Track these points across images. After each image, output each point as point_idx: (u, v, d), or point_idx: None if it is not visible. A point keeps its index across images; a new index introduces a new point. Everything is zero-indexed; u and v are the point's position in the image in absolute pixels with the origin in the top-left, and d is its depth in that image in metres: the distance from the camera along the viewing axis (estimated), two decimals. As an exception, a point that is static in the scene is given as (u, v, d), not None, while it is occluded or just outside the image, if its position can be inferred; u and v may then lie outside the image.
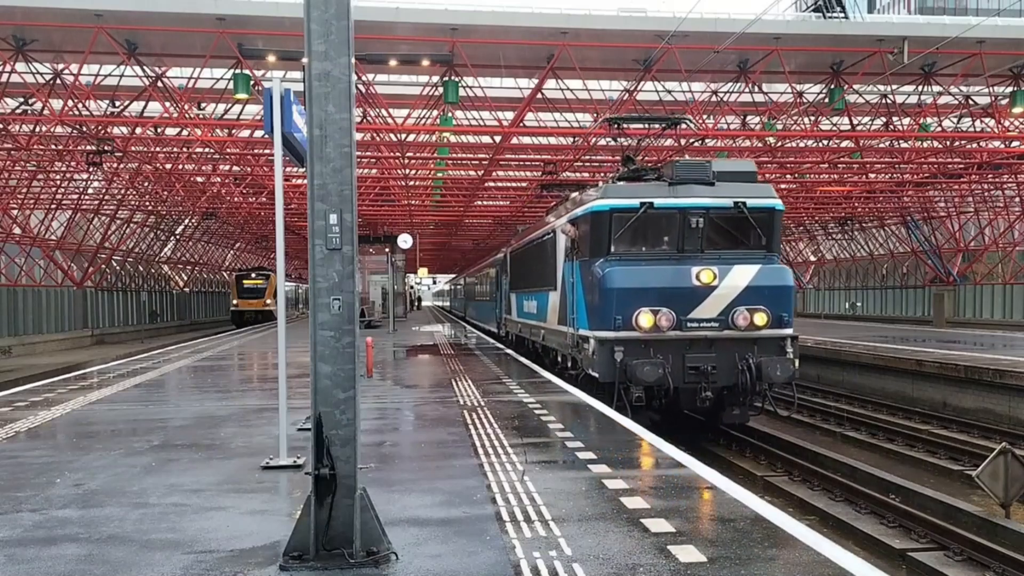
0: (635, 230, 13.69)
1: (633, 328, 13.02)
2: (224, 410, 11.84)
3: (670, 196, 13.57)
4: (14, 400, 13.20)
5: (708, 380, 13.07)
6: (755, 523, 5.91)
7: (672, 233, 13.67)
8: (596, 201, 13.93)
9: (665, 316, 13.04)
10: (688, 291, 13.15)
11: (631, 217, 13.51)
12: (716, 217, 13.67)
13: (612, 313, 13.09)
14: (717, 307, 13.22)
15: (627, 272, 13.31)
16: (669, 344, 13.04)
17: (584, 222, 14.28)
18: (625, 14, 25.41)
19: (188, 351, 25.30)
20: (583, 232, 14.37)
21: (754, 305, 13.22)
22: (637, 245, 13.82)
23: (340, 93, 5.13)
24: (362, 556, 5.06)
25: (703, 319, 13.20)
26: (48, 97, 25.31)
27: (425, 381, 15.58)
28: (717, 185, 13.71)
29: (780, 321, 13.39)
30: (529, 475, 7.35)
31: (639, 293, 13.09)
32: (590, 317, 13.87)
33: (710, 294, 13.20)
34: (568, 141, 30.22)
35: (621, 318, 13.03)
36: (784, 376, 13.11)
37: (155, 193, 42.12)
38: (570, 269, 15.25)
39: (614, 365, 12.91)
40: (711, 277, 13.18)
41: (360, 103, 25.69)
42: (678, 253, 13.60)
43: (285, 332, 8.34)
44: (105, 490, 7.08)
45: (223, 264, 73.84)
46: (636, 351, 12.92)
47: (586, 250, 14.20)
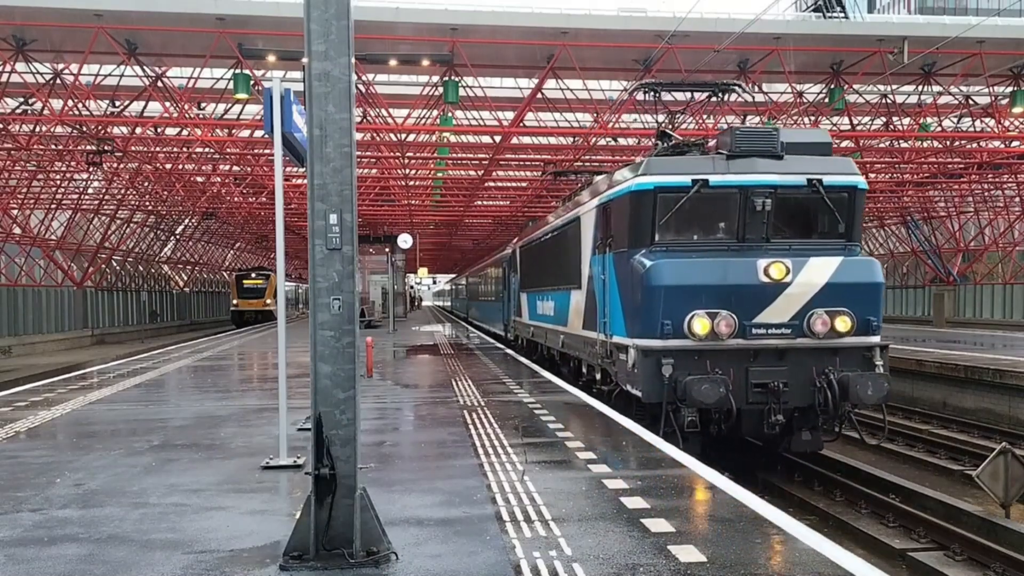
0: (685, 214, 11.26)
1: (685, 335, 10.69)
2: (224, 410, 11.84)
3: (728, 172, 11.15)
4: (14, 400, 13.19)
5: (778, 400, 10.70)
6: (755, 523, 5.91)
7: (731, 217, 11.31)
8: (637, 178, 11.44)
9: (725, 321, 10.68)
10: (753, 289, 10.80)
11: (681, 198, 11.08)
12: (786, 198, 11.31)
13: (659, 317, 10.74)
14: (789, 309, 10.88)
15: (677, 266, 10.93)
16: (729, 355, 10.74)
17: (621, 205, 11.92)
18: (625, 14, 25.43)
19: (188, 351, 25.30)
20: (619, 218, 12.03)
21: (835, 307, 10.88)
22: (688, 232, 11.48)
23: (340, 93, 5.13)
24: (362, 556, 5.07)
25: (771, 324, 10.84)
26: (48, 97, 25.32)
27: (425, 381, 15.58)
28: (786, 159, 11.33)
29: (867, 327, 11.06)
30: (529, 475, 7.35)
31: (692, 292, 10.76)
32: (629, 321, 11.54)
33: (780, 293, 10.84)
34: (568, 141, 30.22)
35: (670, 323, 10.66)
36: (877, 396, 10.67)
37: (155, 193, 42.12)
38: (600, 263, 12.95)
39: (661, 381, 10.59)
40: (782, 272, 10.76)
41: (360, 103, 25.69)
42: (738, 242, 11.28)
43: (285, 332, 8.34)
44: (105, 490, 7.08)
45: (223, 264, 73.83)
46: (688, 364, 10.64)
47: (623, 239, 11.78)
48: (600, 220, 13.03)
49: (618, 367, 12.05)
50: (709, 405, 10.39)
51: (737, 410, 10.54)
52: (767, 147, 11.34)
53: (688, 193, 11.08)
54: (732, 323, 10.72)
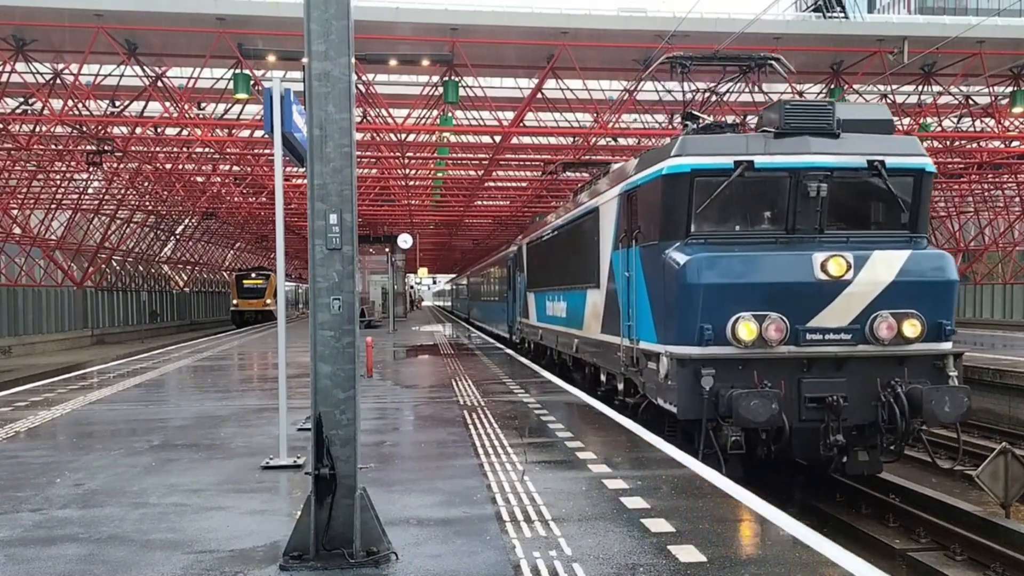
0: (726, 201, 9.84)
1: (727, 342, 9.27)
2: (224, 410, 11.84)
3: (777, 152, 9.72)
4: (14, 400, 13.19)
5: (837, 417, 9.22)
6: (755, 522, 5.92)
7: (779, 205, 9.87)
8: (669, 160, 9.92)
9: (775, 325, 9.23)
10: (808, 288, 9.36)
11: (721, 182, 9.60)
12: (843, 182, 9.86)
13: (697, 320, 9.29)
14: (850, 312, 9.42)
15: (719, 261, 9.50)
16: (779, 365, 9.33)
17: (650, 192, 10.46)
18: (625, 14, 25.42)
19: (188, 351, 25.31)
20: (648, 206, 10.57)
21: (903, 308, 9.44)
22: (729, 222, 10.06)
23: (340, 93, 5.13)
24: (362, 556, 5.07)
25: (828, 329, 9.42)
26: (48, 97, 25.32)
27: (425, 381, 15.58)
28: (843, 137, 9.89)
29: (938, 331, 9.58)
30: (529, 475, 7.35)
31: (737, 291, 9.35)
32: (660, 325, 10.05)
33: (840, 293, 9.38)
34: (568, 141, 30.22)
35: (711, 328, 9.23)
36: (955, 413, 9.19)
37: (155, 193, 42.15)
38: (624, 259, 11.47)
39: (700, 395, 9.17)
40: (842, 268, 9.29)
41: (360, 103, 25.69)
42: (787, 234, 9.81)
43: (285, 332, 8.35)
44: (105, 490, 7.09)
45: (223, 264, 73.84)
46: (732, 375, 9.23)
47: (653, 231, 10.31)
48: (624, 210, 11.50)
49: (646, 377, 10.54)
50: (759, 424, 8.95)
51: (788, 429, 9.10)
52: (821, 124, 9.86)
53: (730, 177, 9.55)
54: (783, 327, 9.26)
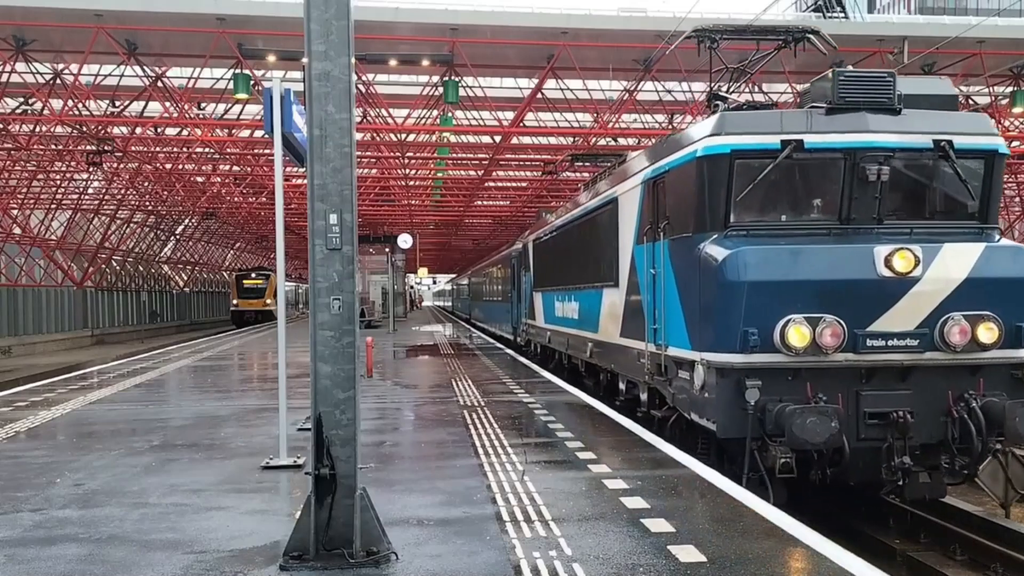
0: (772, 186, 8.66)
1: (775, 348, 8.05)
2: (224, 410, 11.84)
3: (830, 130, 8.53)
4: (14, 400, 13.20)
5: (902, 435, 8.04)
6: (755, 522, 5.91)
7: (832, 190, 8.67)
8: (706, 140, 8.71)
9: (831, 329, 8.00)
10: (869, 287, 8.16)
11: (766, 164, 8.44)
12: (905, 165, 8.68)
13: (739, 323, 8.10)
14: (917, 313, 8.20)
15: (766, 255, 8.30)
16: (835, 376, 8.15)
17: (683, 177, 9.22)
18: (625, 14, 25.47)
19: (188, 351, 25.31)
20: (680, 193, 9.34)
21: (977, 310, 8.22)
22: (774, 211, 8.85)
23: (340, 93, 5.13)
24: (362, 556, 5.07)
25: (892, 333, 8.16)
26: (48, 97, 25.33)
27: (425, 381, 15.58)
28: (905, 113, 8.69)
29: (1017, 337, 8.38)
30: (529, 475, 7.35)
31: (787, 290, 8.15)
32: (695, 329, 8.82)
33: (906, 292, 8.17)
34: (568, 141, 30.23)
35: (756, 332, 8.02)
36: None
37: (155, 193, 42.16)
38: (648, 254, 10.29)
39: (744, 410, 7.97)
40: (910, 263, 8.07)
41: (360, 103, 25.69)
42: (841, 223, 8.60)
43: (285, 332, 8.35)
44: (105, 490, 7.09)
45: (223, 264, 73.85)
46: (781, 387, 8.07)
47: (686, 222, 9.09)
48: (649, 199, 10.28)
49: (677, 388, 9.35)
50: (816, 445, 7.72)
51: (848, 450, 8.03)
52: (880, 97, 8.65)
53: (776, 158, 8.40)
54: (840, 332, 8.02)
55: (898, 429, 8.05)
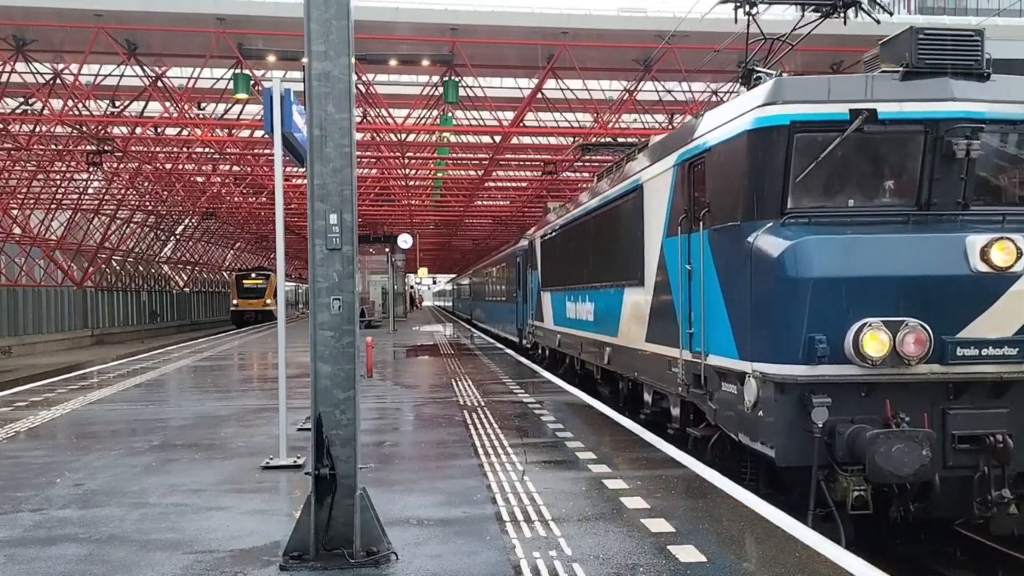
0: (837, 165, 7.35)
1: (846, 358, 6.77)
2: (224, 410, 11.84)
3: (908, 98, 7.26)
4: (14, 400, 13.20)
5: (1000, 463, 6.73)
6: (755, 522, 5.91)
7: (910, 169, 7.37)
8: (759, 110, 7.42)
9: (915, 335, 6.71)
10: (961, 284, 6.90)
11: (831, 139, 7.15)
12: (995, 140, 7.43)
13: (803, 328, 6.84)
14: (1017, 316, 6.93)
15: (835, 247, 7.03)
16: (919, 391, 6.86)
17: (728, 156, 7.94)
18: (625, 14, 25.46)
19: (188, 351, 25.31)
20: (724, 175, 8.04)
21: None
22: (839, 194, 7.48)
23: (340, 93, 5.13)
24: (362, 556, 5.07)
25: (988, 340, 6.89)
26: (48, 97, 25.33)
27: (425, 381, 15.58)
28: (995, 79, 7.48)
29: None
30: (529, 475, 7.35)
31: (862, 288, 6.87)
32: (744, 335, 7.51)
33: (1005, 291, 6.89)
34: (568, 141, 30.23)
35: (824, 339, 6.72)
36: None
37: (155, 193, 42.16)
38: (682, 248, 8.91)
39: (808, 433, 6.70)
40: (1011, 256, 6.83)
41: (360, 103, 25.69)
42: (920, 209, 7.27)
43: (285, 332, 8.35)
44: (105, 490, 7.09)
45: (223, 264, 73.86)
46: (853, 405, 6.81)
47: (732, 208, 7.80)
48: (683, 184, 9.00)
49: (720, 404, 8.05)
50: (904, 478, 6.46)
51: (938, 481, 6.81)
52: (967, 60, 7.42)
53: (844, 131, 7.11)
54: (925, 339, 6.71)
55: (994, 455, 6.72)
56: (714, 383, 8.15)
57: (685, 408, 9.27)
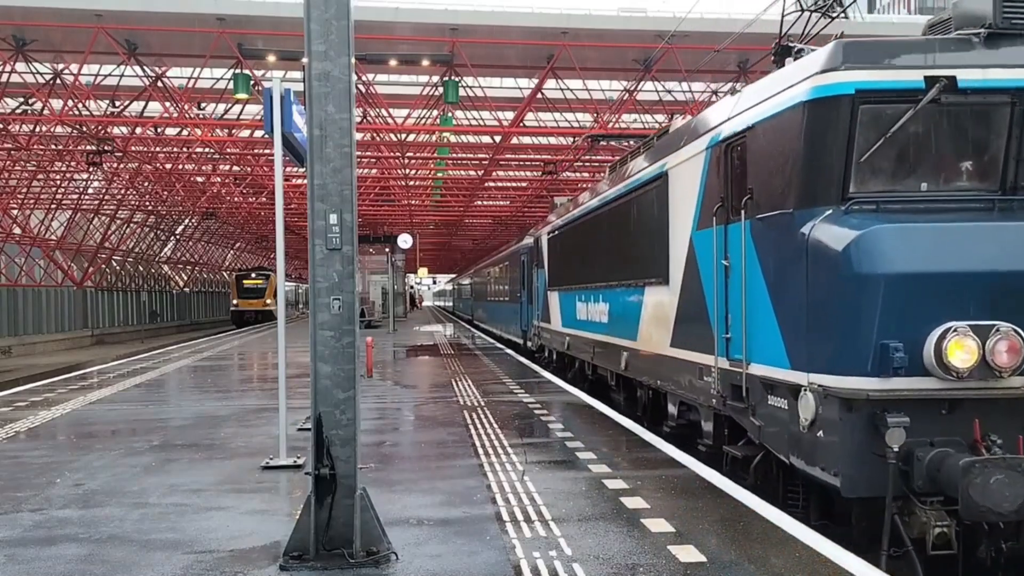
0: (909, 142, 6.34)
1: (925, 370, 5.84)
2: (224, 410, 11.84)
3: (992, 63, 6.25)
4: (14, 400, 13.20)
5: None
6: (755, 522, 5.91)
7: (994, 147, 6.35)
8: (818, 78, 6.39)
9: (1007, 342, 5.76)
10: None
11: (903, 111, 6.15)
12: None
13: (873, 333, 5.87)
14: None
15: (913, 236, 6.04)
16: (1010, 409, 5.94)
17: (776, 132, 6.90)
18: (625, 14, 25.47)
19: (188, 351, 25.32)
20: (771, 155, 6.97)
21: None
22: (910, 176, 6.39)
23: (340, 93, 5.14)
24: (362, 556, 5.07)
25: None
26: (48, 97, 25.33)
27: (425, 381, 15.59)
28: None
29: None
30: (529, 475, 7.35)
31: (945, 287, 5.91)
32: (798, 340, 6.48)
33: None
34: (568, 141, 30.24)
35: (901, 347, 5.77)
36: None
37: (155, 193, 42.16)
38: (716, 241, 7.91)
39: (880, 458, 5.77)
40: None
41: (360, 103, 25.70)
42: (1004, 194, 6.29)
43: (285, 332, 8.35)
44: (105, 490, 7.09)
45: (223, 264, 73.86)
46: (933, 425, 5.90)
47: (782, 192, 6.73)
48: (719, 169, 7.98)
49: (766, 419, 7.03)
50: (1005, 515, 5.49)
51: None
52: None
53: (918, 102, 6.10)
54: (1020, 346, 5.78)
55: None
56: (758, 395, 7.13)
57: (719, 422, 8.28)
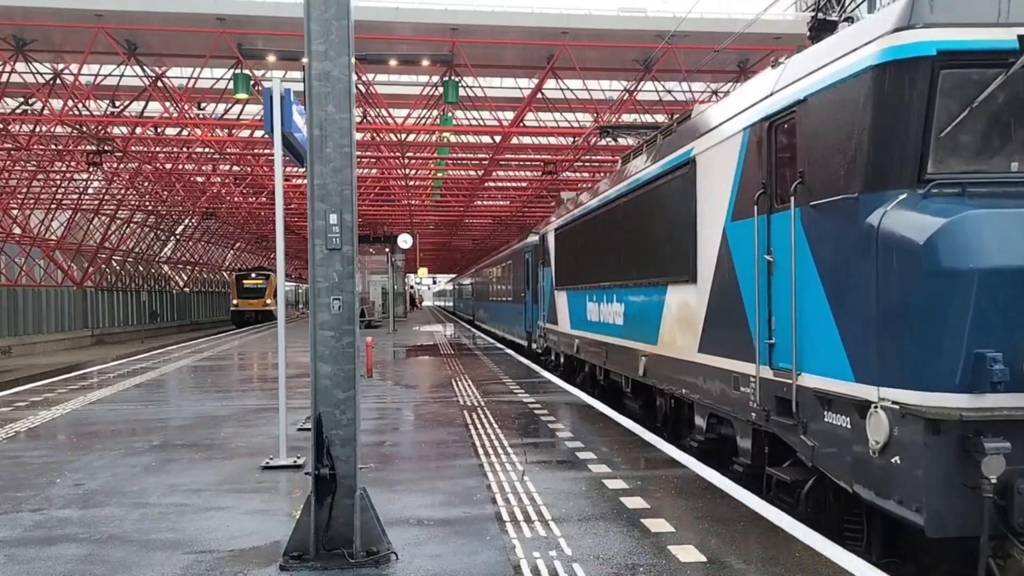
0: (998, 113, 5.41)
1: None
2: (224, 410, 11.84)
3: None
4: (14, 400, 13.20)
5: None
6: (755, 522, 5.91)
7: None
8: (888, 39, 5.49)
9: None
10: None
11: (992, 76, 5.26)
12: None
13: (964, 341, 4.99)
14: None
15: (1012, 224, 5.11)
16: None
17: (837, 104, 5.94)
18: (625, 14, 25.46)
19: (188, 351, 25.31)
20: (830, 131, 6.00)
21: None
22: (998, 153, 5.46)
23: (340, 93, 5.14)
24: (362, 556, 5.07)
25: None
26: (48, 97, 25.33)
27: (425, 381, 15.58)
28: None
29: None
30: (529, 475, 7.35)
31: None
32: (864, 347, 5.58)
33: None
34: (568, 141, 30.25)
35: (999, 356, 4.89)
36: None
37: (155, 193, 42.16)
38: (757, 233, 6.96)
39: (972, 491, 4.96)
40: None
41: (360, 103, 25.70)
42: None
43: (285, 332, 8.35)
44: (105, 490, 7.09)
45: (223, 264, 73.87)
46: None
47: (845, 174, 5.79)
48: (760, 151, 7.05)
49: (821, 440, 6.07)
50: None
51: None
52: None
53: (1011, 66, 5.17)
54: None
55: None
56: (811, 411, 6.16)
57: (759, 439, 7.33)
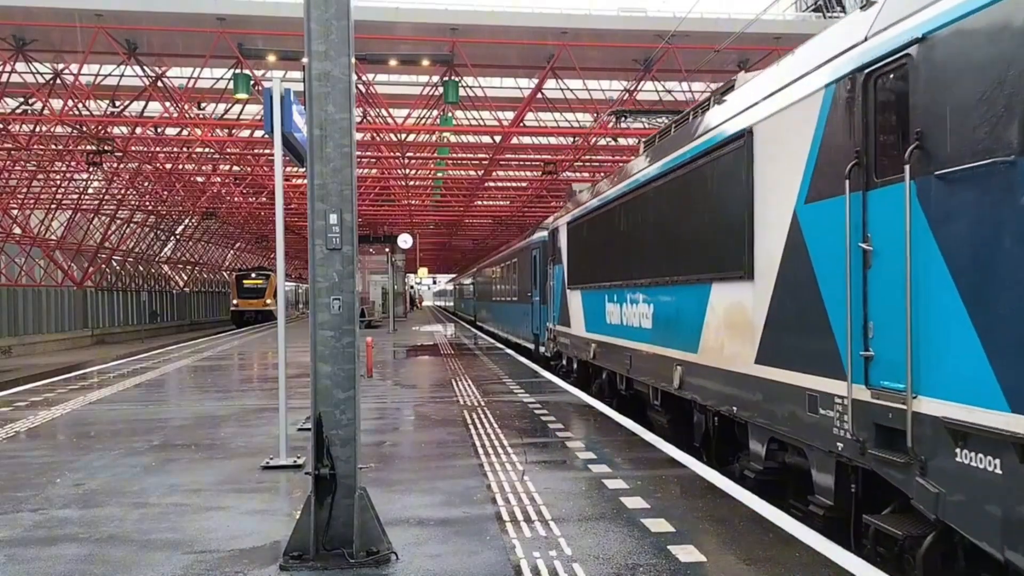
0: None
1: None
2: (224, 410, 11.84)
3: None
4: (14, 400, 13.20)
5: None
6: (755, 522, 5.91)
7: None
8: None
9: None
10: None
11: None
12: None
13: None
14: None
15: None
16: None
17: (977, 39, 4.46)
18: (625, 14, 25.47)
19: (188, 351, 25.32)
20: (963, 77, 4.56)
21: None
22: None
23: (340, 93, 5.14)
24: (362, 556, 5.07)
25: None
26: (48, 97, 25.33)
27: (425, 381, 15.58)
28: None
29: None
30: (529, 475, 7.35)
31: None
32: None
33: None
34: (568, 141, 30.25)
35: None
36: None
37: (155, 193, 42.15)
38: (852, 215, 5.53)
39: None
40: None
41: (360, 103, 25.70)
42: None
43: (285, 332, 8.35)
44: (105, 490, 7.09)
45: (223, 264, 73.85)
46: None
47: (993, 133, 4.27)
48: (850, 113, 5.69)
49: (950, 485, 4.69)
50: None
51: None
52: None
53: None
54: None
55: None
56: (934, 446, 4.79)
57: (845, 475, 5.95)
